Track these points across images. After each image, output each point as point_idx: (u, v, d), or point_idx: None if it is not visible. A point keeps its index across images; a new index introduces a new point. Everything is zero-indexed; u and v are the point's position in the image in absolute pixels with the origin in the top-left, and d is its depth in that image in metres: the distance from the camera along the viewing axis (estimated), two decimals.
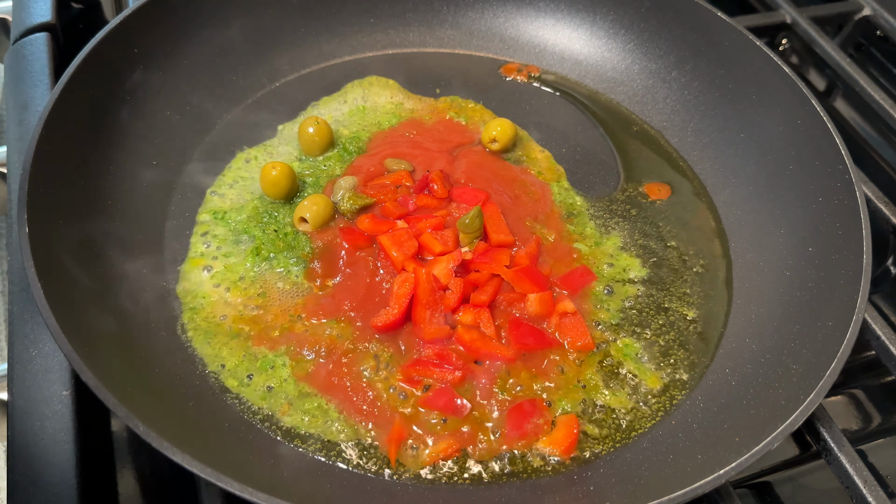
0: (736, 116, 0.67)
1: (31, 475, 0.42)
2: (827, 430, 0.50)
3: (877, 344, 0.55)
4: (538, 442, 0.49)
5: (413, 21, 0.76)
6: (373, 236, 0.57)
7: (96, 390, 0.40)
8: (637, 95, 0.72)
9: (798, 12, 0.81)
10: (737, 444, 0.44)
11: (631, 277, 0.59)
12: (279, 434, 0.48)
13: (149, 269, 0.55)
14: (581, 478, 0.48)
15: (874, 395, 0.60)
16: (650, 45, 0.72)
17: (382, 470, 0.47)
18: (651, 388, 0.53)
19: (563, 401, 0.51)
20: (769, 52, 0.64)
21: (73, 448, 0.44)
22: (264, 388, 0.50)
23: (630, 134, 0.71)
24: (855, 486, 0.48)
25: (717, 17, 0.68)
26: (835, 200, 0.57)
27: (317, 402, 0.50)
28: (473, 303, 0.54)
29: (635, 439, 0.50)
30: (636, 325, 0.56)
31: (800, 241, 0.58)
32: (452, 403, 0.50)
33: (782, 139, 0.63)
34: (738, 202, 0.64)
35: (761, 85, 0.65)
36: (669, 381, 0.54)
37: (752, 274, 0.59)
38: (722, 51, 0.68)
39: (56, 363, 0.47)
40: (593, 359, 0.54)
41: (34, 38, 0.64)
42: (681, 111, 0.70)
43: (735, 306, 0.58)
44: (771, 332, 0.54)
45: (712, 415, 0.51)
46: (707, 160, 0.68)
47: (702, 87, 0.69)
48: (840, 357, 0.47)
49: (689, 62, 0.70)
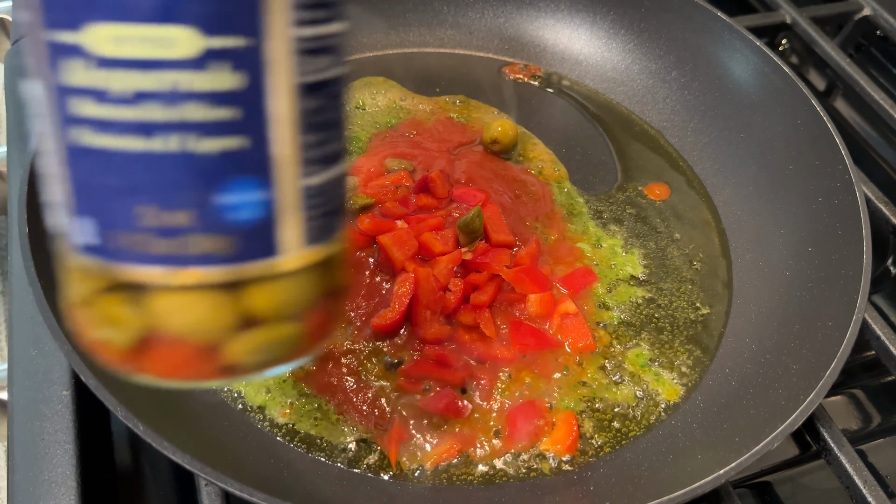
0: (736, 116, 0.67)
1: (31, 475, 0.42)
2: (827, 430, 0.50)
3: (877, 344, 0.55)
4: (539, 443, 0.49)
5: (413, 21, 0.76)
6: (373, 236, 0.57)
7: (96, 391, 0.40)
8: (637, 95, 0.72)
9: (798, 12, 0.81)
10: (737, 443, 0.44)
11: (631, 277, 0.59)
12: (279, 434, 0.48)
13: None
14: (581, 478, 0.48)
15: (874, 395, 0.60)
16: (650, 45, 0.72)
17: (383, 471, 0.47)
18: (651, 389, 0.53)
19: (564, 401, 0.51)
20: (769, 52, 0.64)
21: (74, 448, 0.44)
22: (263, 389, 0.50)
23: (630, 134, 0.71)
24: (855, 486, 0.48)
25: (717, 17, 0.68)
26: (835, 200, 0.57)
27: (316, 403, 0.50)
28: (473, 303, 0.54)
29: (635, 439, 0.50)
30: (637, 326, 0.56)
31: (800, 240, 0.58)
32: (453, 405, 0.50)
33: (782, 139, 0.63)
34: (737, 202, 0.64)
35: (761, 85, 0.65)
36: (669, 381, 0.54)
37: (751, 274, 0.59)
38: (722, 51, 0.68)
39: (56, 363, 0.47)
40: (594, 359, 0.54)
41: None
42: (681, 111, 0.71)
43: (735, 306, 0.58)
44: (771, 331, 0.54)
45: (712, 415, 0.51)
46: (707, 160, 0.68)
47: (702, 87, 0.69)
48: (840, 357, 0.47)
49: (689, 62, 0.70)
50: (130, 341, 0.30)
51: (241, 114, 0.27)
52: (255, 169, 0.28)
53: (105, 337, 0.30)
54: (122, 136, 0.26)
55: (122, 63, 0.25)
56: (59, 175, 0.28)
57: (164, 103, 0.26)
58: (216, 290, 0.29)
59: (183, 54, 0.25)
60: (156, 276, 0.28)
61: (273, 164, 0.28)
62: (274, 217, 0.29)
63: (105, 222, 0.28)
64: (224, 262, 0.28)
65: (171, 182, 0.27)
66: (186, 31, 0.25)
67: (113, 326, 0.30)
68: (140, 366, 0.30)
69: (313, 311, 0.32)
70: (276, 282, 0.30)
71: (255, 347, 0.30)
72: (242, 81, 0.26)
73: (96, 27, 0.25)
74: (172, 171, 0.27)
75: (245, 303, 0.29)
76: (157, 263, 0.28)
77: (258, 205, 0.28)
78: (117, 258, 0.28)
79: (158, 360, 0.30)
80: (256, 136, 0.27)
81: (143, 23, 0.25)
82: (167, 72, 0.25)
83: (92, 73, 0.25)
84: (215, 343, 0.30)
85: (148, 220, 0.27)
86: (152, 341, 0.29)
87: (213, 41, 0.25)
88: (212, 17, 0.25)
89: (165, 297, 0.29)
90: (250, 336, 0.30)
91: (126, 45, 0.25)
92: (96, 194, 0.27)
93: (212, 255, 0.28)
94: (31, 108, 0.28)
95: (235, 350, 0.30)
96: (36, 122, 0.28)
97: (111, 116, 0.26)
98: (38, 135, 0.28)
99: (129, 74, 0.25)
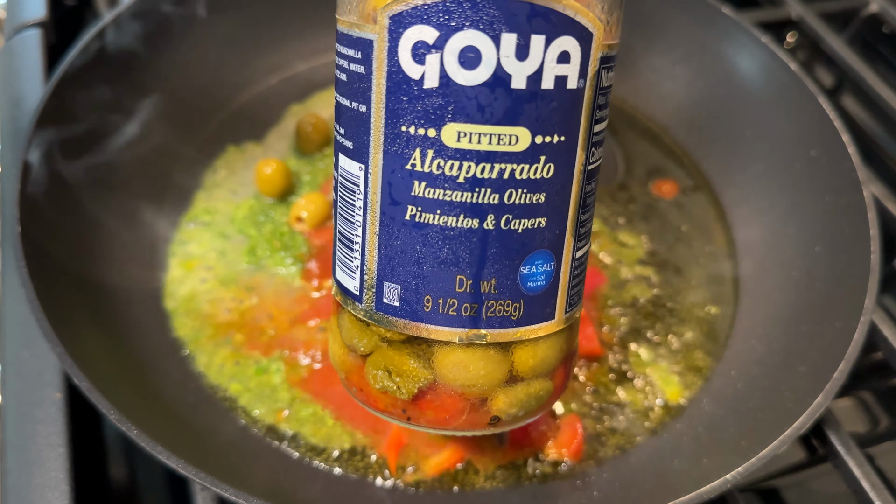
0: (742, 113, 0.66)
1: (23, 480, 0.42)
2: (834, 434, 0.49)
3: (885, 346, 0.54)
4: (543, 448, 0.48)
5: None
6: None
7: (89, 393, 0.40)
8: (642, 91, 0.72)
9: (805, 8, 0.80)
10: (743, 447, 0.44)
11: (637, 277, 0.59)
12: (275, 440, 0.48)
13: (141, 270, 0.54)
14: (585, 483, 0.47)
15: (882, 398, 0.59)
16: (655, 41, 0.71)
17: (382, 476, 0.47)
18: (656, 392, 0.52)
19: (568, 405, 0.51)
20: (776, 49, 0.63)
21: (66, 452, 0.43)
22: (258, 394, 0.49)
23: (635, 131, 0.70)
24: (862, 491, 0.47)
25: (723, 13, 0.67)
26: (842, 199, 0.56)
27: (312, 409, 0.49)
28: None
29: (640, 444, 0.50)
30: (643, 328, 0.56)
31: (807, 240, 0.57)
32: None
33: (789, 137, 0.62)
34: (744, 200, 0.63)
35: (768, 82, 0.64)
36: (674, 383, 0.53)
37: (758, 274, 0.59)
38: (728, 47, 0.67)
39: (48, 366, 0.46)
40: (600, 363, 0.53)
41: (27, 35, 0.64)
42: (686, 108, 0.70)
43: (741, 307, 0.57)
44: (778, 333, 0.54)
45: (718, 418, 0.50)
46: (713, 157, 0.67)
47: (707, 83, 0.69)
48: (848, 359, 0.46)
49: (695, 58, 0.69)
50: (412, 392, 0.34)
51: (548, 197, 0.32)
52: (550, 243, 0.33)
53: (388, 387, 0.35)
54: (452, 216, 0.32)
55: (468, 154, 0.31)
56: (373, 244, 0.33)
57: (495, 189, 0.31)
58: (495, 349, 0.34)
59: (520, 148, 0.31)
60: (454, 335, 0.33)
61: (562, 239, 0.34)
62: (554, 286, 0.34)
63: (415, 287, 0.33)
64: (511, 325, 0.33)
65: (485, 255, 0.32)
66: (525, 130, 0.31)
67: (399, 377, 0.34)
68: (416, 414, 0.35)
69: (560, 369, 0.37)
70: (541, 343, 0.35)
71: (517, 401, 0.35)
72: (554, 170, 0.32)
73: (453, 125, 0.31)
74: (489, 246, 0.32)
75: (514, 361, 0.34)
76: (457, 326, 0.33)
77: (547, 275, 0.33)
78: (420, 319, 0.33)
79: (434, 410, 0.35)
80: (556, 215, 0.33)
81: (493, 124, 0.31)
82: (504, 163, 0.31)
83: (440, 161, 0.31)
84: (485, 397, 0.35)
85: (459, 287, 0.32)
86: (432, 393, 0.34)
87: (539, 138, 0.31)
88: (544, 121, 0.31)
89: (454, 354, 0.34)
90: (514, 391, 0.35)
91: (475, 139, 0.31)
92: (413, 262, 0.32)
93: (503, 319, 0.33)
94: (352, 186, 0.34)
95: (500, 403, 0.35)
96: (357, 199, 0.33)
97: (447, 198, 0.31)
98: (357, 209, 0.33)
99: (472, 164, 0.31)
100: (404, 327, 0.33)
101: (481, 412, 0.35)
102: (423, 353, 0.34)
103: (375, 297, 0.34)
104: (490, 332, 0.33)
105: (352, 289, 0.35)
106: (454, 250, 0.32)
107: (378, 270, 0.33)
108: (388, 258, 0.33)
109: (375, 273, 0.33)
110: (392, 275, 0.33)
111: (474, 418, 0.35)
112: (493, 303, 0.33)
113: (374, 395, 0.36)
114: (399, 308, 0.33)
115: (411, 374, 0.34)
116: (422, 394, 0.34)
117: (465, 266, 0.32)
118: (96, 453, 0.49)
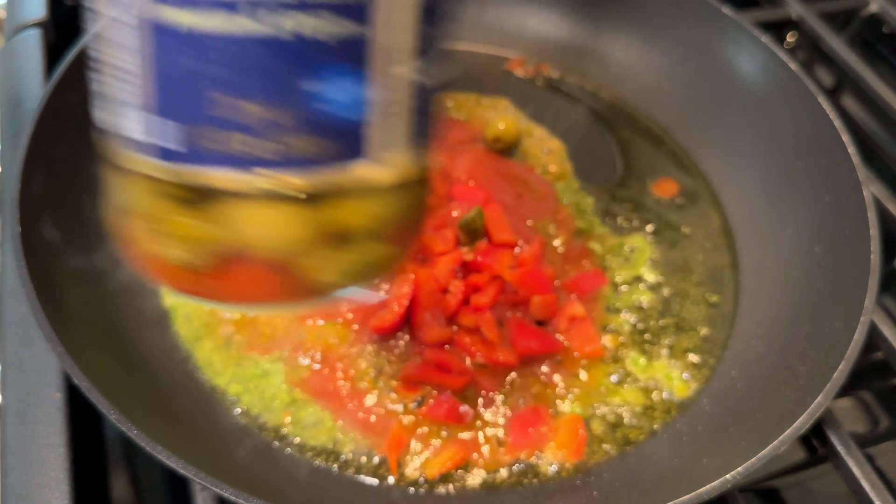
0: (742, 113, 0.66)
1: (23, 479, 0.42)
2: (834, 434, 0.49)
3: (885, 346, 0.54)
4: (543, 449, 0.48)
5: None
6: None
7: (89, 393, 0.40)
8: (641, 92, 0.72)
9: (805, 8, 0.80)
10: (743, 447, 0.44)
11: (637, 278, 0.59)
12: (275, 440, 0.48)
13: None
14: (585, 483, 0.47)
15: (882, 398, 0.59)
16: (655, 41, 0.71)
17: (382, 477, 0.47)
18: (656, 392, 0.52)
19: (569, 406, 0.51)
20: (776, 49, 0.63)
21: (66, 452, 0.43)
22: (258, 395, 0.49)
23: (635, 131, 0.70)
24: (862, 491, 0.47)
25: (723, 13, 0.67)
26: (842, 199, 0.56)
27: (312, 409, 0.49)
28: (474, 305, 0.53)
29: (640, 444, 0.49)
30: (644, 329, 0.56)
31: (807, 240, 0.57)
32: (454, 412, 0.49)
33: (789, 137, 0.62)
34: (744, 200, 0.63)
35: (768, 82, 0.64)
36: (675, 384, 0.53)
37: (758, 274, 0.59)
38: (728, 47, 0.67)
39: (48, 366, 0.46)
40: (601, 363, 0.53)
41: (27, 35, 0.64)
42: (686, 108, 0.70)
43: (741, 307, 0.57)
44: (777, 333, 0.54)
45: (718, 418, 0.50)
46: (712, 158, 0.67)
47: (707, 83, 0.69)
48: (848, 359, 0.46)
49: (695, 58, 0.69)
50: (198, 258, 0.27)
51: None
52: (357, 58, 0.25)
53: (169, 254, 0.27)
54: (213, 14, 0.23)
55: None
56: (133, 66, 0.24)
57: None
58: (300, 200, 0.26)
59: None
60: (236, 180, 0.25)
61: (382, 55, 0.25)
62: (371, 117, 0.26)
63: (183, 117, 0.25)
64: (315, 166, 0.25)
65: (264, 68, 0.24)
66: None
67: (179, 241, 0.27)
68: (205, 287, 0.28)
69: (395, 232, 0.29)
70: (362, 195, 0.27)
71: (335, 266, 0.28)
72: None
73: None
74: (268, 55, 0.24)
75: (330, 216, 0.27)
76: (239, 166, 0.25)
77: (355, 101, 0.25)
78: (194, 161, 0.25)
79: (227, 281, 0.28)
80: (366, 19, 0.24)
81: None
82: None
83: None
84: (291, 261, 0.27)
85: (234, 113, 0.24)
86: (221, 259, 0.27)
87: None
88: None
89: (243, 207, 0.26)
90: (330, 254, 0.28)
91: None
92: (177, 85, 0.24)
93: (306, 159, 0.25)
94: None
95: (312, 267, 0.27)
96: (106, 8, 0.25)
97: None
98: (108, 21, 0.25)
99: None
100: (182, 174, 0.26)
101: (287, 281, 0.28)
102: (214, 209, 0.26)
103: (147, 135, 0.26)
104: (289, 176, 0.25)
105: (120, 127, 0.27)
106: (225, 63, 0.24)
107: (148, 98, 0.25)
108: (156, 81, 0.25)
109: (146, 102, 0.25)
110: (163, 103, 0.25)
111: (278, 288, 0.28)
112: (286, 137, 0.25)
113: (155, 264, 0.29)
114: (175, 149, 0.25)
115: (196, 236, 0.27)
116: (218, 262, 0.27)
117: (244, 85, 0.24)
118: (96, 453, 0.49)
